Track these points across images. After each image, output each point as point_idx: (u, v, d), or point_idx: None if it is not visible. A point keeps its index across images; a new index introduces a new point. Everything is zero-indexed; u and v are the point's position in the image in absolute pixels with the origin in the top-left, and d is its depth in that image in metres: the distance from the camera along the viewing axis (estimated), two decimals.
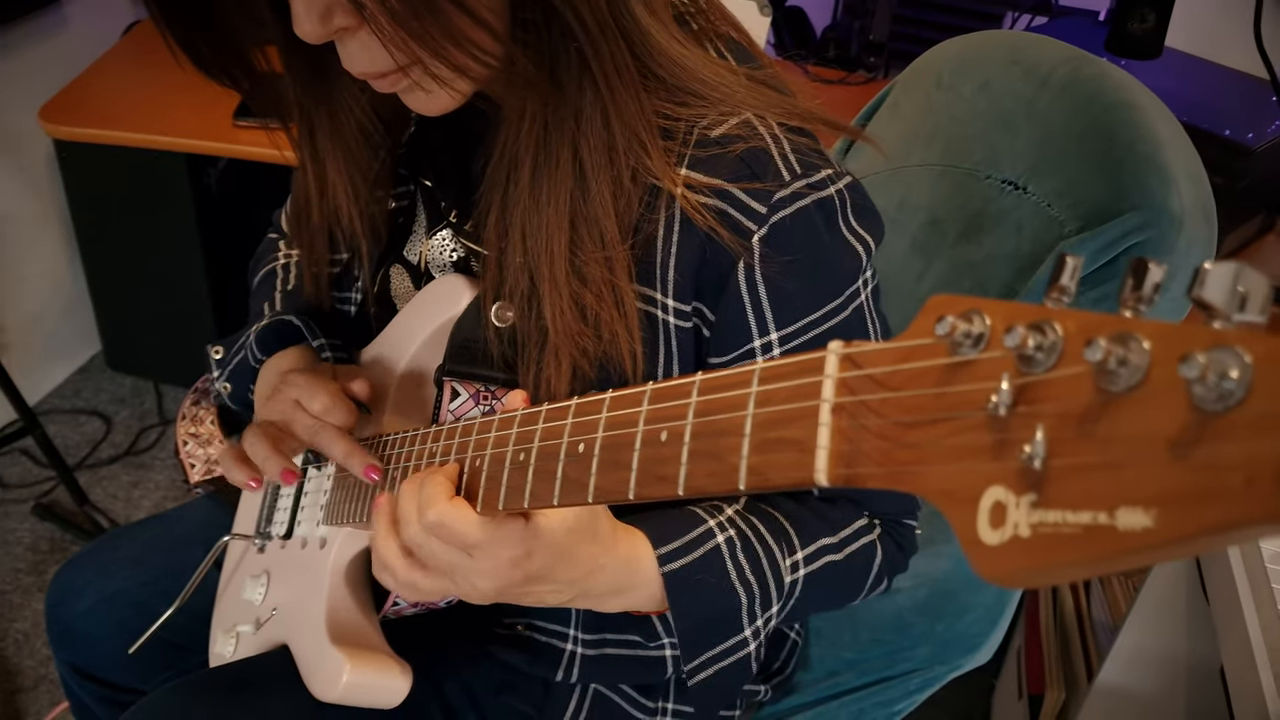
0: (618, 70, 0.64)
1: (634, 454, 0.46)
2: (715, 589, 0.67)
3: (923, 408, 0.34)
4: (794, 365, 0.39)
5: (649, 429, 0.45)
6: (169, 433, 2.03)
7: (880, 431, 0.35)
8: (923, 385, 0.35)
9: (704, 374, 0.44)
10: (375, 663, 0.73)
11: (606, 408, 0.49)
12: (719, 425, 0.41)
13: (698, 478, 0.42)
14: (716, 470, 0.41)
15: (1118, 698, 1.29)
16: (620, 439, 0.47)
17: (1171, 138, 0.84)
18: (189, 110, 1.60)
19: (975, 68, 1.00)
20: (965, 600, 0.93)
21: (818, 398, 0.37)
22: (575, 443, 0.51)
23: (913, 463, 0.34)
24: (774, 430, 0.39)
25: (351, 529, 0.79)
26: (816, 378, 0.37)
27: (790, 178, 0.66)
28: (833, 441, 0.36)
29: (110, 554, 1.02)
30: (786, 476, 0.37)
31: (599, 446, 0.49)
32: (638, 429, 0.46)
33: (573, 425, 0.51)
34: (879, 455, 0.35)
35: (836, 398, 0.36)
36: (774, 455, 0.38)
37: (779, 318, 0.68)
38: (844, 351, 0.37)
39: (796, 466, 0.37)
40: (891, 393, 0.35)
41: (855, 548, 0.74)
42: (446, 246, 0.80)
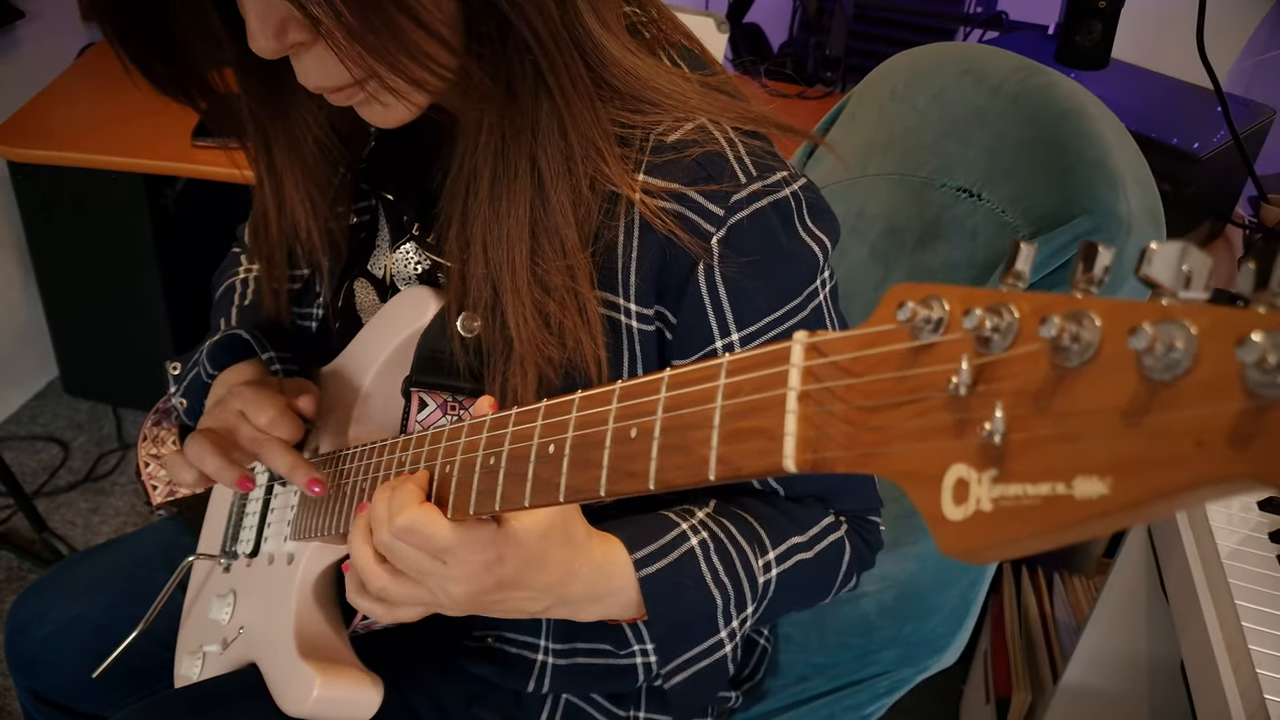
0: (572, 81, 0.65)
1: (604, 452, 0.46)
2: (691, 592, 0.67)
3: (886, 391, 0.35)
4: (760, 356, 0.40)
5: (618, 426, 0.46)
6: (128, 458, 2.00)
7: (845, 416, 0.36)
8: (885, 370, 0.36)
9: (671, 370, 0.44)
10: (346, 676, 0.73)
11: (576, 408, 0.50)
12: (688, 419, 0.42)
13: (668, 471, 0.43)
14: (686, 463, 0.42)
15: (1082, 698, 1.31)
16: (590, 438, 0.48)
17: (1119, 144, 0.87)
18: (147, 131, 1.59)
19: (928, 79, 1.02)
20: (931, 602, 0.94)
21: (784, 386, 0.38)
22: (546, 444, 0.51)
23: (877, 444, 0.35)
24: (742, 420, 0.39)
25: (320, 543, 0.78)
26: (782, 367, 0.38)
27: (746, 180, 0.67)
28: (799, 428, 0.37)
29: (71, 579, 1.01)
30: (756, 464, 0.38)
31: (569, 446, 0.49)
32: (607, 427, 0.47)
33: (543, 427, 0.52)
34: (845, 440, 0.36)
35: (802, 385, 0.37)
36: (743, 444, 0.39)
37: (739, 318, 0.69)
38: (809, 340, 0.38)
39: (765, 454, 0.38)
40: (856, 378, 0.36)
41: (824, 545, 0.75)
42: (411, 259, 0.80)
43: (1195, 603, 0.98)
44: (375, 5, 0.58)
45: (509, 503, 0.53)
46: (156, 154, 1.55)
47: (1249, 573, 0.99)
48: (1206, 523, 1.04)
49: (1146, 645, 1.25)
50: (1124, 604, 1.23)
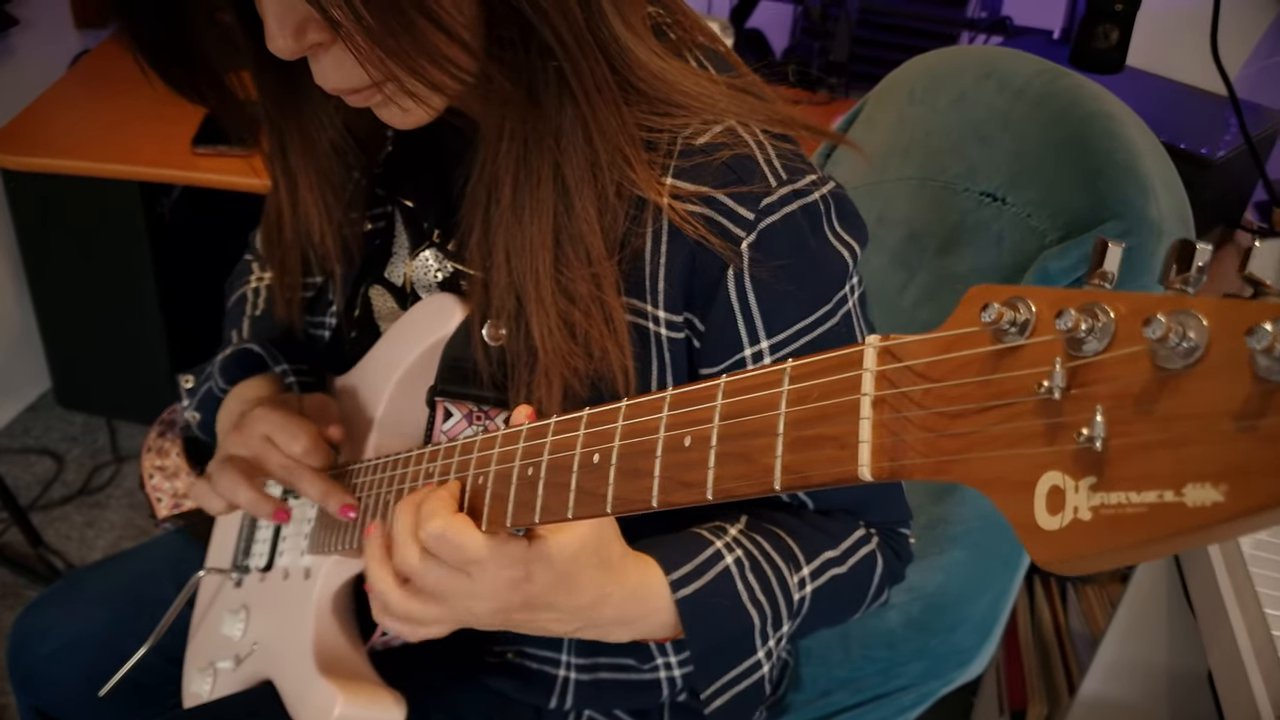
0: (597, 86, 0.63)
1: (655, 461, 0.45)
2: (728, 612, 0.66)
3: (967, 396, 0.34)
4: (827, 361, 0.38)
5: (671, 435, 0.44)
6: (123, 471, 1.97)
7: (923, 423, 0.35)
8: (966, 375, 0.34)
9: (728, 376, 0.43)
10: (368, 693, 0.71)
11: (622, 416, 0.48)
12: (748, 426, 0.41)
13: (727, 480, 0.41)
14: (748, 472, 0.40)
15: (1101, 709, 1.30)
16: (639, 446, 0.46)
17: (1147, 147, 0.86)
18: (145, 139, 1.57)
19: (949, 82, 1.01)
20: (958, 613, 0.93)
21: (857, 392, 0.36)
22: (590, 453, 0.49)
23: (959, 451, 0.34)
24: (810, 428, 0.38)
25: (339, 557, 0.76)
26: (854, 372, 0.36)
27: (777, 183, 0.65)
28: (875, 435, 0.35)
29: (75, 594, 0.99)
30: (827, 473, 0.37)
31: (616, 455, 0.47)
32: (658, 435, 0.45)
33: (586, 436, 0.50)
34: (923, 447, 0.34)
35: (877, 390, 0.36)
36: (812, 453, 0.37)
37: (769, 325, 0.68)
38: (882, 344, 0.36)
39: (837, 462, 0.36)
40: (934, 383, 0.35)
41: (857, 558, 0.73)
42: (431, 266, 0.79)
43: (1222, 610, 0.97)
44: (395, 7, 0.57)
45: (550, 514, 0.51)
46: (156, 162, 1.53)
47: (1276, 580, 0.98)
48: None
49: (1166, 655, 1.24)
50: (1144, 613, 1.21)
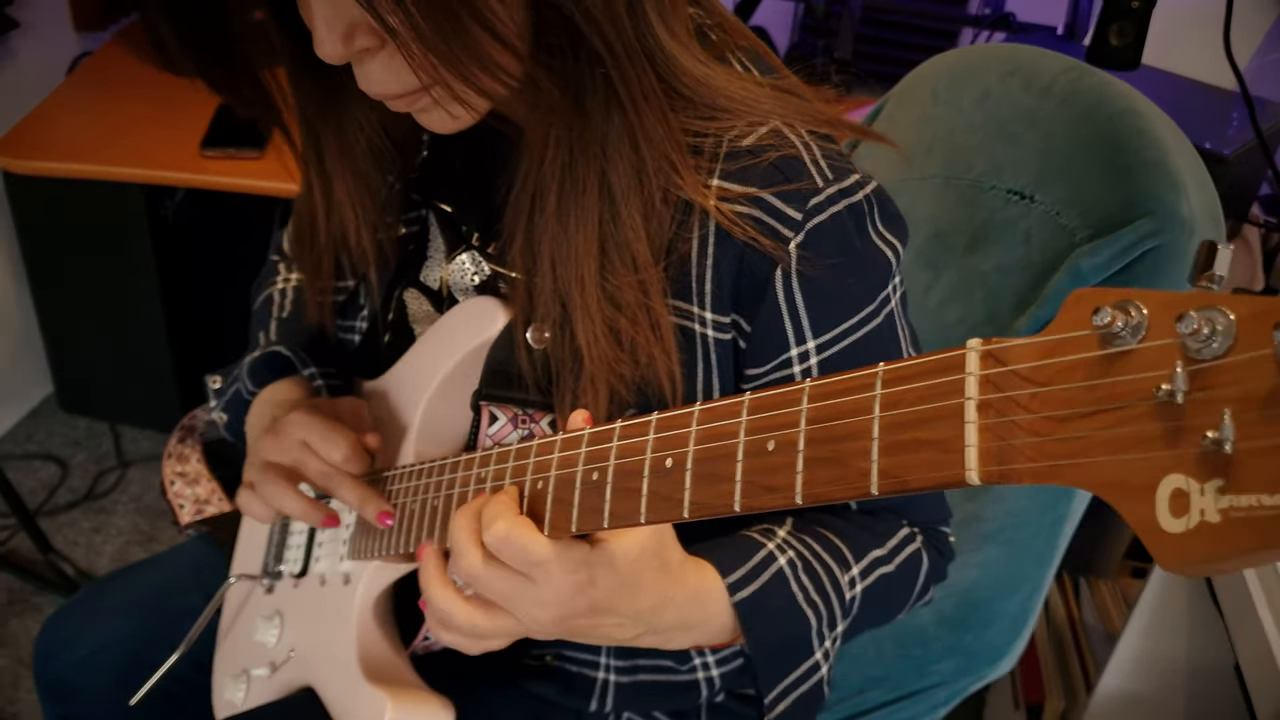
0: (644, 94, 0.63)
1: (736, 465, 0.45)
2: (786, 614, 0.66)
3: (1075, 400, 0.34)
4: (924, 365, 0.38)
5: (752, 439, 0.44)
6: (129, 476, 1.96)
7: (1031, 427, 0.35)
8: (1073, 379, 0.34)
9: (812, 382, 0.43)
10: (416, 699, 0.71)
11: (696, 421, 0.48)
12: (838, 430, 0.40)
13: (818, 485, 0.41)
14: (841, 475, 0.40)
15: (1121, 702, 1.30)
16: (717, 451, 0.46)
17: (1176, 144, 0.86)
18: (153, 142, 1.55)
19: (972, 80, 1.01)
20: (992, 610, 0.93)
21: (960, 396, 0.36)
22: (661, 458, 0.49)
23: (1070, 455, 0.34)
24: (908, 432, 0.38)
25: (380, 563, 0.76)
26: (956, 376, 0.36)
27: (823, 183, 0.65)
28: (981, 439, 0.35)
29: (101, 602, 0.98)
30: (928, 477, 0.37)
31: (691, 460, 0.47)
32: (738, 440, 0.45)
33: (655, 441, 0.50)
34: (1031, 451, 0.34)
35: (981, 395, 0.36)
36: (911, 456, 0.37)
37: (815, 325, 0.68)
38: (985, 348, 0.36)
39: (940, 466, 0.36)
40: (1040, 387, 0.35)
41: (903, 557, 0.73)
42: (468, 270, 0.78)
43: (1249, 603, 0.97)
44: (449, 13, 0.56)
45: (619, 519, 0.51)
46: (164, 165, 1.51)
47: None
48: None
49: (1187, 649, 1.25)
50: (1165, 607, 1.22)
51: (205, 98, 1.73)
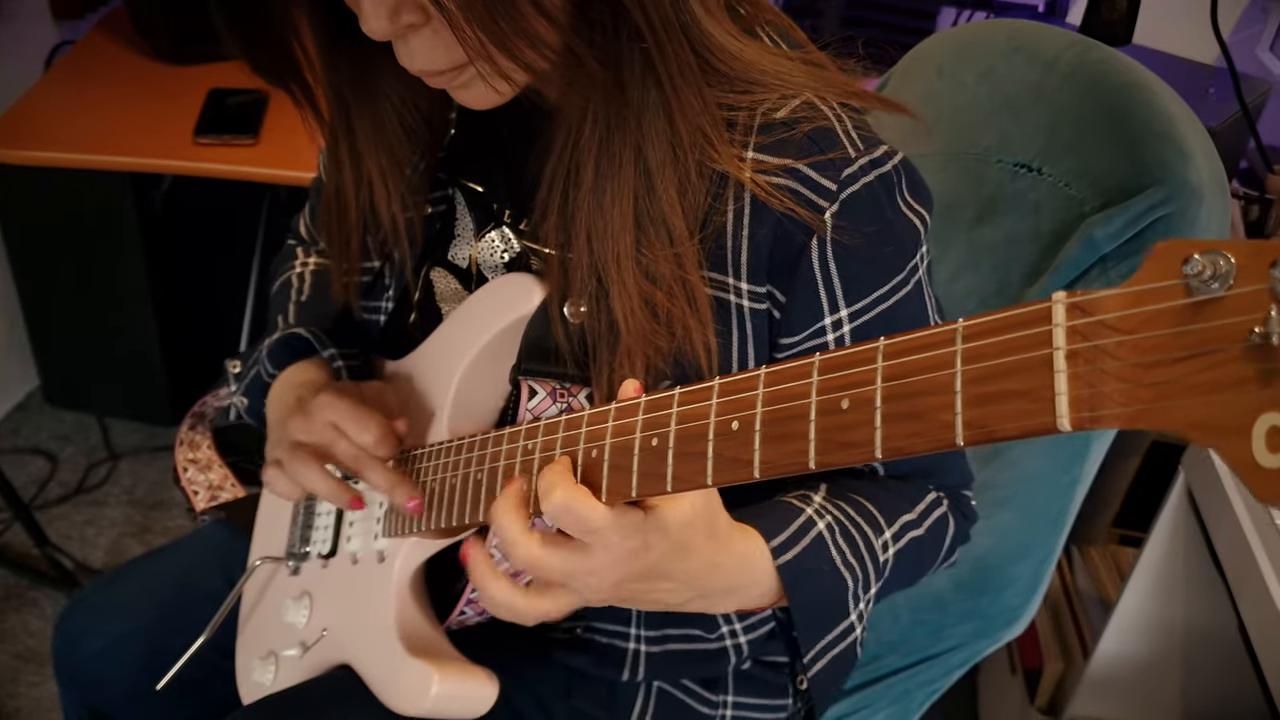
0: (681, 70, 0.64)
1: (809, 424, 0.46)
2: (826, 576, 0.67)
3: (1164, 347, 0.35)
4: (1006, 319, 0.39)
5: (825, 399, 0.45)
6: (120, 468, 1.94)
7: (1119, 374, 0.36)
8: (1160, 326, 0.35)
9: (886, 339, 0.44)
10: (462, 671, 0.71)
11: (763, 384, 0.49)
12: (916, 387, 0.42)
13: (899, 439, 0.42)
14: (922, 429, 0.41)
15: (1120, 665, 1.34)
16: (787, 412, 0.47)
17: (1182, 115, 0.88)
18: (143, 130, 1.54)
19: (976, 56, 1.03)
20: (1007, 574, 0.95)
21: (1049, 346, 0.37)
22: (727, 421, 0.50)
23: (1160, 399, 0.35)
24: (993, 384, 0.39)
25: (416, 539, 0.77)
26: (1043, 327, 0.38)
27: (855, 154, 0.67)
28: (1071, 387, 0.37)
29: (122, 591, 0.97)
30: (1018, 426, 0.38)
31: (760, 422, 0.48)
32: (809, 400, 0.46)
33: (719, 405, 0.51)
34: (1121, 397, 0.36)
35: (1069, 344, 0.37)
36: (997, 407, 0.39)
37: (849, 294, 0.69)
38: (1070, 300, 0.37)
39: (1029, 415, 0.38)
40: (1127, 335, 0.36)
41: (932, 520, 0.75)
42: (498, 248, 0.79)
43: (1253, 566, 1.00)
44: None
45: (683, 483, 0.52)
46: (157, 153, 1.50)
47: None
48: None
49: (1185, 611, 1.28)
50: (1163, 571, 1.25)
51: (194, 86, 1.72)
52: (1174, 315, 0.35)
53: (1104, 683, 1.36)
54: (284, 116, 1.56)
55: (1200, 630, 1.29)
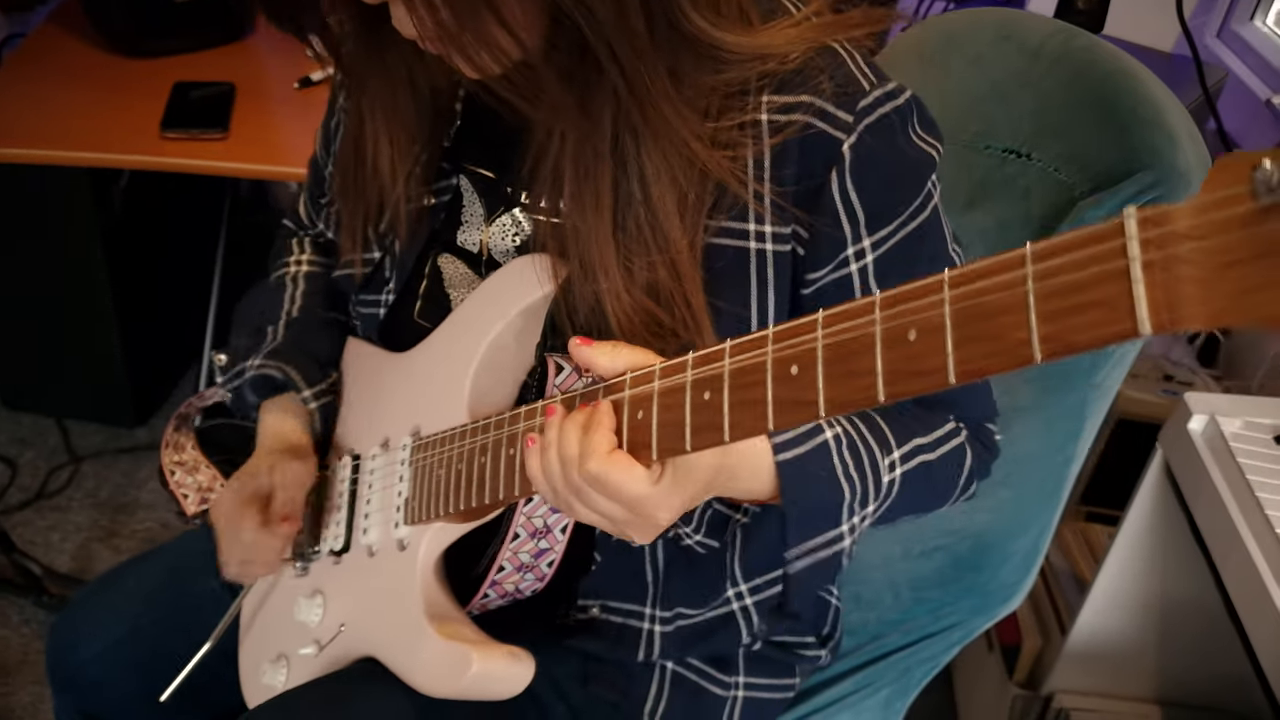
0: (654, 99, 0.66)
1: (875, 359, 0.47)
2: (824, 482, 0.69)
3: (1237, 249, 0.37)
4: (1076, 238, 0.41)
5: (890, 329, 0.47)
6: (82, 471, 1.89)
7: (1195, 278, 0.38)
8: (1233, 230, 0.37)
9: (950, 271, 0.45)
10: (498, 651, 0.71)
11: (821, 325, 0.50)
12: (988, 307, 0.43)
13: (975, 360, 0.43)
14: (997, 349, 0.43)
15: (1099, 639, 1.37)
16: (848, 348, 0.48)
17: (1168, 102, 0.91)
18: (106, 125, 1.49)
19: (963, 44, 1.06)
20: (1005, 550, 0.97)
21: (1123, 258, 0.39)
22: (785, 367, 0.51)
23: (1238, 295, 0.37)
24: (1067, 298, 0.40)
25: (440, 525, 0.76)
26: (1115, 241, 0.39)
27: (870, 86, 0.69)
28: (1149, 294, 0.38)
29: (116, 593, 0.95)
30: (1096, 335, 0.39)
31: (821, 363, 0.49)
32: (874, 332, 0.47)
33: (775, 352, 0.52)
34: (1199, 297, 0.37)
35: (1144, 255, 0.39)
36: (1074, 319, 0.40)
37: (870, 223, 0.71)
38: (1141, 215, 0.39)
39: (1108, 323, 0.39)
40: (1200, 241, 0.38)
41: (947, 448, 0.77)
42: (509, 231, 0.80)
43: (1236, 536, 1.03)
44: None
45: (743, 430, 0.53)
46: (122, 148, 1.46)
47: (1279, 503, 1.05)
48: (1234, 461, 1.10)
49: (1162, 584, 1.31)
50: (1140, 545, 1.29)
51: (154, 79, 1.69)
52: (1245, 219, 0.37)
53: (1083, 656, 1.39)
54: (253, 109, 1.54)
55: (1179, 603, 1.33)
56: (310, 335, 0.92)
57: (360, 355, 0.91)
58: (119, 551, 1.77)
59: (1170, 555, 1.28)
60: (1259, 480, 1.07)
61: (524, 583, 0.80)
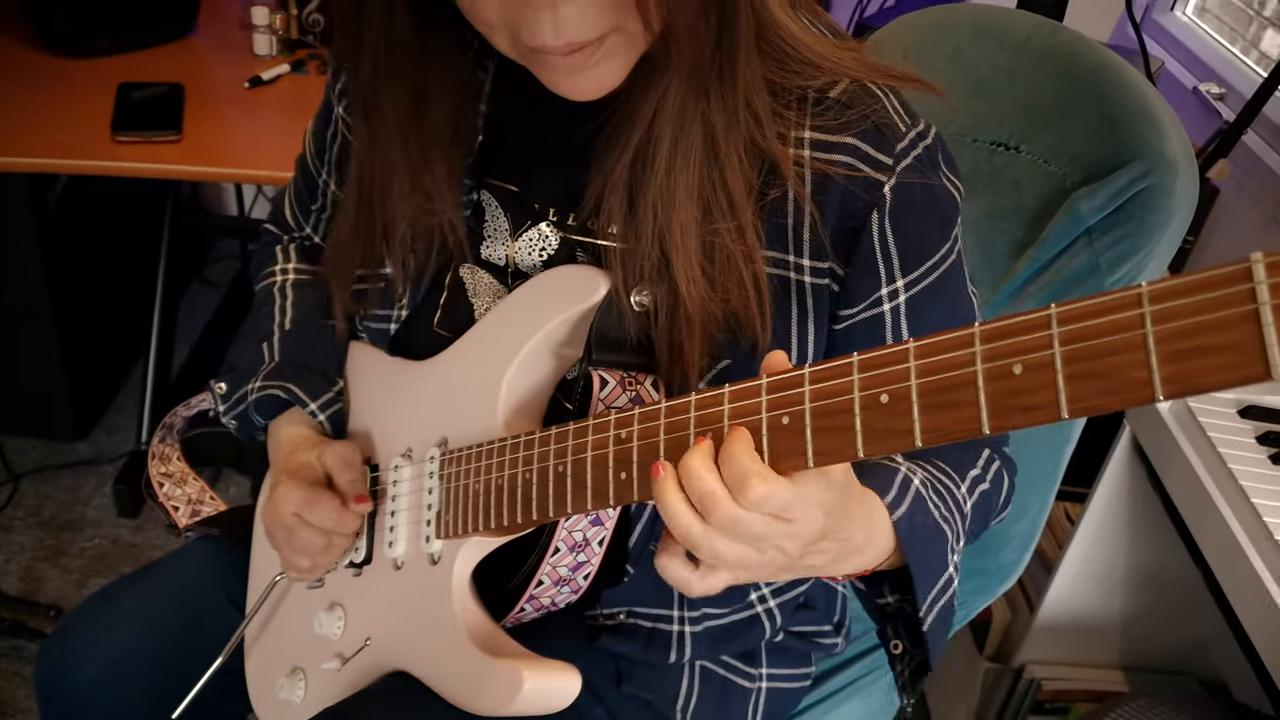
0: (744, 44, 0.66)
1: (978, 392, 0.48)
2: (932, 531, 0.69)
3: None
4: (1197, 281, 0.42)
5: (992, 366, 0.47)
6: (22, 489, 1.81)
7: None
8: None
9: (1058, 306, 0.46)
10: (545, 667, 0.71)
11: (913, 356, 0.50)
12: (1101, 348, 0.44)
13: (1088, 398, 0.44)
14: (1114, 387, 0.44)
15: (1068, 612, 1.43)
16: (948, 381, 0.49)
17: (1153, 94, 0.95)
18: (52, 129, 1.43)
19: (942, 40, 1.07)
20: (1006, 533, 1.01)
21: (1251, 303, 0.40)
22: (875, 395, 0.52)
23: None
24: (1189, 340, 0.42)
25: (477, 539, 0.75)
26: (1243, 286, 0.41)
27: (905, 129, 0.71)
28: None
29: (114, 612, 0.92)
30: (1224, 378, 0.41)
31: (915, 394, 0.50)
32: (974, 369, 0.48)
33: (861, 380, 0.52)
34: None
35: (1274, 299, 0.40)
36: (1199, 361, 0.41)
37: (904, 265, 0.72)
38: (1269, 259, 0.41)
39: (1237, 367, 0.40)
40: None
41: (993, 473, 0.80)
42: (536, 245, 0.78)
43: (1210, 505, 1.09)
44: None
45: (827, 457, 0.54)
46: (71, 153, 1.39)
47: (1250, 474, 1.11)
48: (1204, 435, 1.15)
49: (1130, 557, 1.37)
50: (1110, 519, 1.34)
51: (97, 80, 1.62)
52: None
53: (1052, 629, 1.45)
54: (204, 110, 1.48)
55: (1145, 573, 1.39)
56: (308, 348, 0.91)
57: (370, 363, 0.89)
58: (68, 571, 1.70)
59: (1139, 528, 1.34)
60: (1229, 453, 1.12)
61: (560, 596, 0.80)
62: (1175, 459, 1.17)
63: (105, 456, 1.89)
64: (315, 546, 0.81)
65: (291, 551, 0.82)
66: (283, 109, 1.53)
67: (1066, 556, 1.39)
